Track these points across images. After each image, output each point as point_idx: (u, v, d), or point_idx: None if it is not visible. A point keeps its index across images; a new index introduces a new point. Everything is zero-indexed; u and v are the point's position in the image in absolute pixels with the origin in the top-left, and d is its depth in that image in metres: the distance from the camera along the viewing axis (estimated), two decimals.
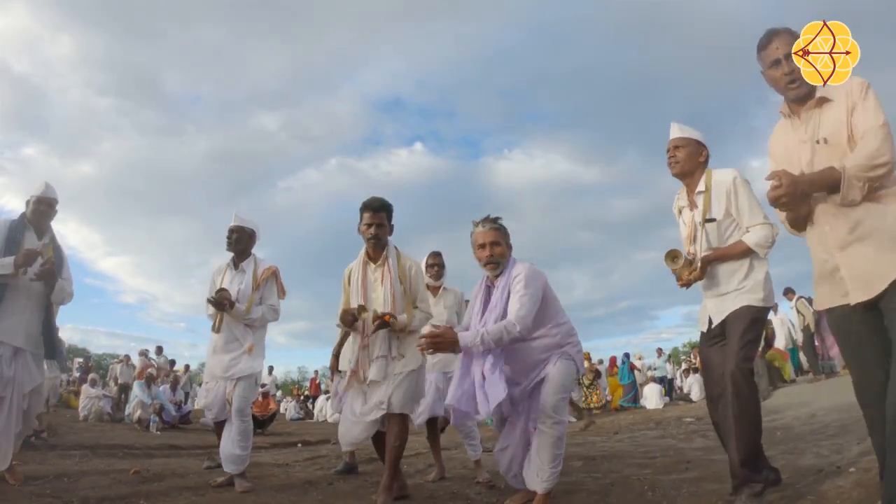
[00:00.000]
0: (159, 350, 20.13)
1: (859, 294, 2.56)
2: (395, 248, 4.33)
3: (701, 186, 3.69)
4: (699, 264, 3.55)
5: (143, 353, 18.65)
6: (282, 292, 5.26)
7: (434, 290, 5.65)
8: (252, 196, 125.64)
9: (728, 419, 3.32)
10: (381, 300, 4.17)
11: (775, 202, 2.58)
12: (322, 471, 6.00)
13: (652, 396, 15.83)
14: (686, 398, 17.01)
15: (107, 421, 12.83)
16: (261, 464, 6.58)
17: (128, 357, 18.14)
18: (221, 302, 4.82)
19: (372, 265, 4.27)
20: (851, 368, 2.75)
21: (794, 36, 2.74)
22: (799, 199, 2.60)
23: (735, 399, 3.27)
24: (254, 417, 12.67)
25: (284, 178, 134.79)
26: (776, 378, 12.64)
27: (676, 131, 3.83)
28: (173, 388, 14.19)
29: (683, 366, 21.91)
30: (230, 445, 4.81)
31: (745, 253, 3.49)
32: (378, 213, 4.22)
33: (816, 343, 12.91)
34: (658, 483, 4.28)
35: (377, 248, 4.25)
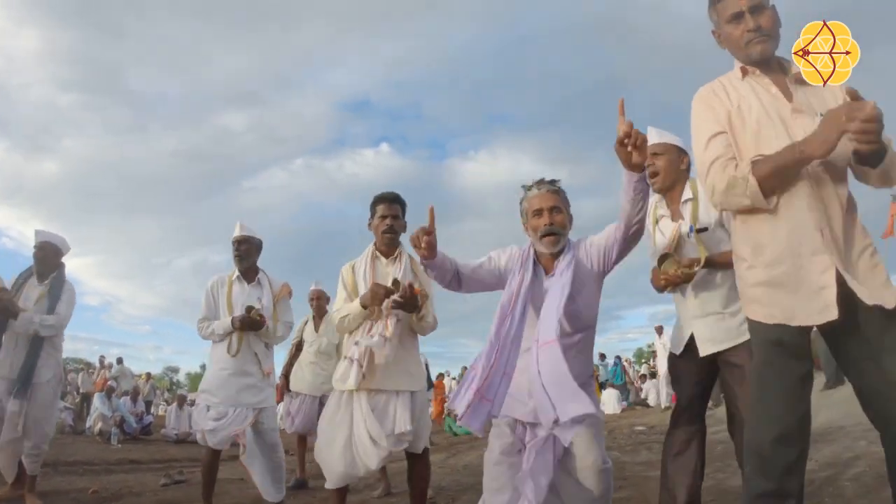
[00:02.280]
0: (119, 360, 20.08)
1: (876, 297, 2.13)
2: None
3: (687, 194, 3.33)
4: (697, 267, 3.09)
5: (102, 362, 18.59)
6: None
7: None
8: (217, 196, 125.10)
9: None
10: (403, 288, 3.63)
11: (874, 127, 1.95)
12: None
13: (609, 401, 16.25)
14: (644, 403, 17.47)
15: (68, 433, 12.89)
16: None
17: (89, 365, 18.14)
18: (259, 321, 4.57)
19: (383, 260, 3.91)
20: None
21: None
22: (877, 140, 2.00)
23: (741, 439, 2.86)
24: None
25: (250, 178, 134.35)
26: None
27: (654, 136, 3.42)
28: (134, 400, 14.29)
29: (643, 370, 22.46)
30: (268, 477, 4.80)
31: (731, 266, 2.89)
32: (393, 204, 3.95)
33: None
34: None
35: (392, 242, 3.92)
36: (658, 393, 17.63)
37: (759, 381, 2.28)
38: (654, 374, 19.19)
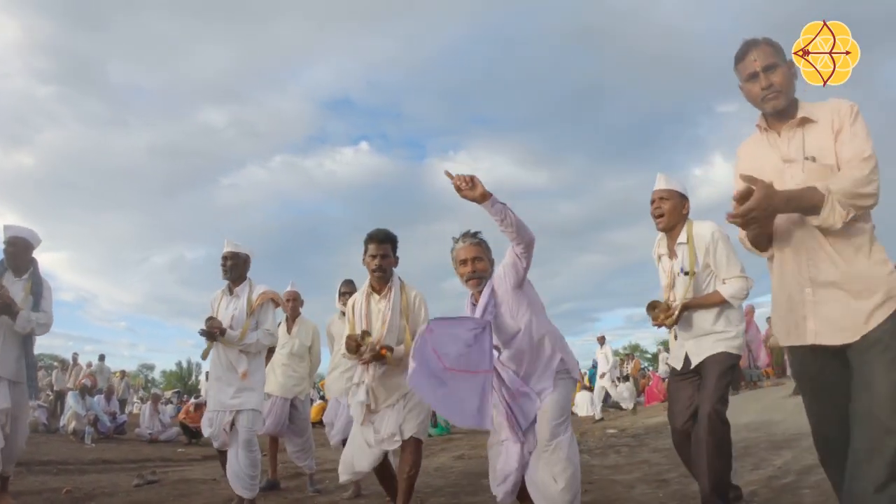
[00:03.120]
0: (101, 358, 19.82)
1: (828, 338, 2.46)
2: (400, 279, 4.33)
3: (682, 238, 3.85)
4: (676, 312, 3.78)
5: (76, 359, 18.35)
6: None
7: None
8: (195, 192, 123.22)
9: (702, 454, 3.55)
10: (381, 333, 4.11)
11: (745, 216, 2.30)
12: None
13: (582, 404, 16.36)
14: (617, 406, 17.60)
15: (42, 431, 12.79)
16: (189, 479, 6.91)
17: (63, 363, 17.92)
18: (212, 332, 4.80)
19: (376, 296, 4.23)
20: (810, 412, 2.69)
21: (774, 47, 2.63)
22: (770, 215, 2.40)
23: (710, 437, 3.51)
24: (186, 428, 12.91)
25: (228, 174, 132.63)
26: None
27: (663, 183, 3.94)
28: (108, 399, 14.21)
29: (611, 375, 22.65)
30: (238, 473, 4.81)
31: (720, 303, 3.73)
32: (383, 244, 4.20)
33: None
34: None
35: (382, 280, 4.21)
36: (632, 395, 17.87)
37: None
38: (627, 378, 19.41)
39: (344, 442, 5.86)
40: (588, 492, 4.95)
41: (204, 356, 4.99)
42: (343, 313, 6.04)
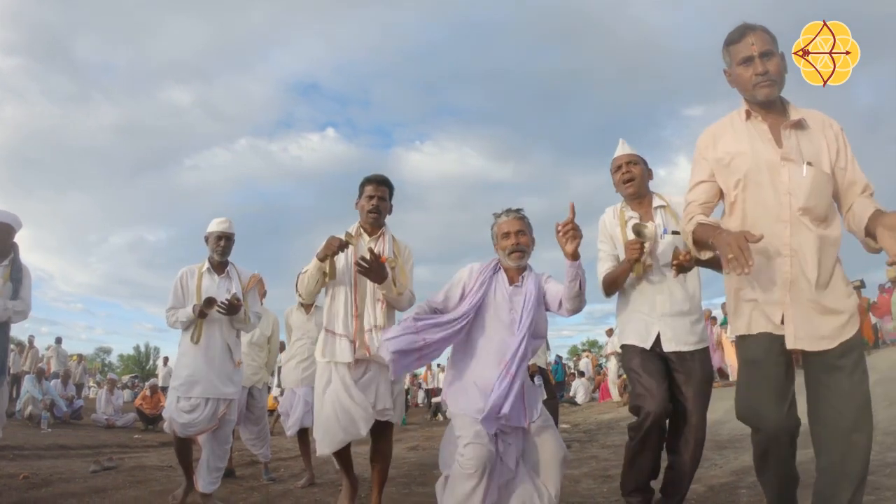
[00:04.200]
0: (59, 340, 19.61)
1: (823, 343, 2.44)
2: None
3: (659, 202, 3.68)
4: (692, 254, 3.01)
5: (31, 342, 18.13)
6: (261, 298, 5.15)
7: (307, 307, 6.22)
8: (157, 173, 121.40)
9: (686, 462, 3.43)
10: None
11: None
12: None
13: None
14: (572, 401, 17.93)
15: None
16: (146, 466, 6.97)
17: (20, 345, 17.69)
18: (236, 305, 4.58)
19: (366, 237, 4.01)
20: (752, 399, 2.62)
21: (770, 35, 2.59)
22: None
23: (697, 448, 3.41)
24: (143, 414, 12.92)
25: (192, 155, 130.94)
26: None
27: (627, 148, 3.78)
28: (64, 383, 14.16)
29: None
30: (206, 466, 4.65)
31: (716, 265, 3.24)
32: (381, 186, 4.06)
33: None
34: None
35: (376, 223, 4.03)
36: (587, 392, 18.24)
37: None
38: (582, 374, 19.82)
39: (302, 432, 6.00)
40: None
41: (198, 339, 4.59)
42: (302, 304, 6.19)
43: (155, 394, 13.77)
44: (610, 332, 16.37)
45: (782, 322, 2.50)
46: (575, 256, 3.01)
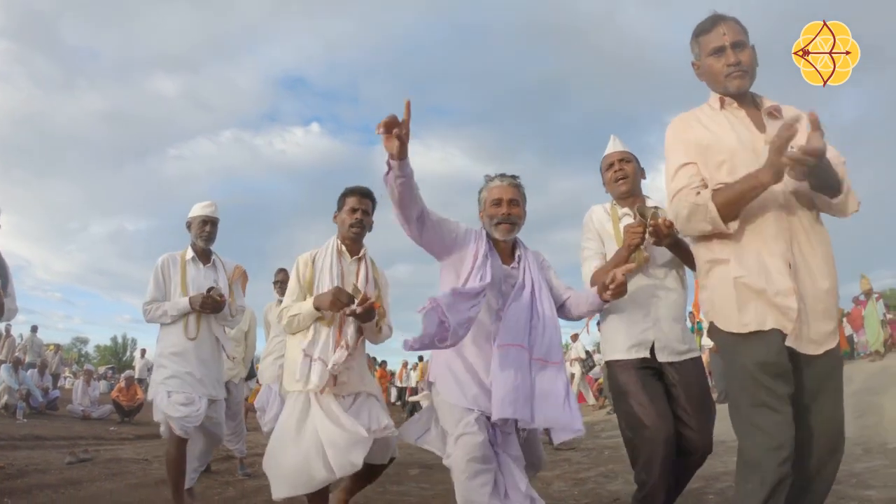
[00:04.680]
0: (34, 329, 19.43)
1: (812, 347, 2.27)
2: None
3: (653, 202, 3.40)
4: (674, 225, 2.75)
5: (9, 330, 17.96)
6: (243, 292, 4.81)
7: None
8: (140, 161, 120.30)
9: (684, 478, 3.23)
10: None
11: (816, 154, 2.04)
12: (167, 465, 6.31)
13: None
14: None
15: None
16: (121, 459, 7.00)
17: None
18: (219, 302, 4.25)
19: (349, 257, 3.67)
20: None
21: (742, 26, 2.49)
22: (815, 170, 2.13)
23: (704, 455, 3.16)
24: (119, 406, 12.88)
25: (176, 145, 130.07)
26: None
27: (619, 145, 3.52)
28: (41, 373, 14.08)
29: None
30: (190, 465, 4.47)
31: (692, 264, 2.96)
32: (365, 198, 3.69)
33: None
34: None
35: (358, 239, 3.69)
36: None
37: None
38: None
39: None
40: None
41: (195, 335, 4.26)
42: (280, 301, 6.23)
43: (131, 386, 13.73)
44: (575, 338, 16.40)
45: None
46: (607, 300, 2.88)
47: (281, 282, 6.14)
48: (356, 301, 3.29)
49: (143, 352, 22.47)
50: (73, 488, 5.06)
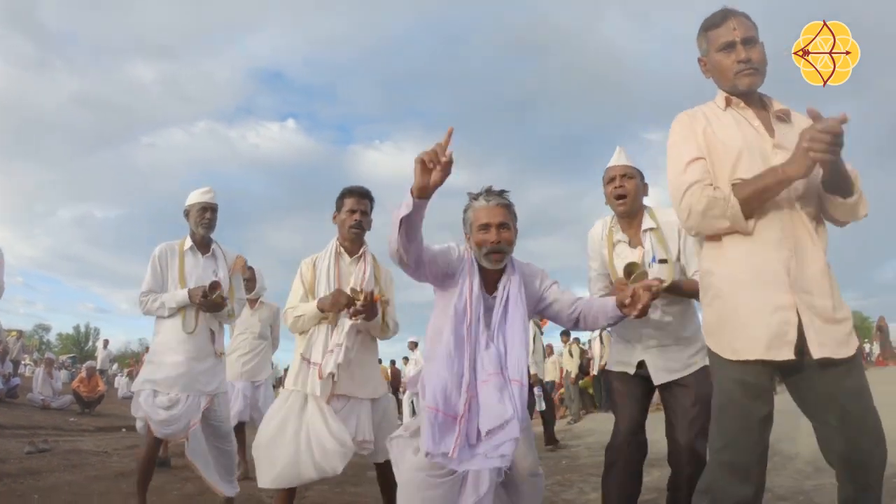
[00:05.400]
0: None
1: (826, 350, 2.15)
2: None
3: (649, 223, 3.31)
4: (666, 283, 2.96)
5: None
6: (242, 286, 4.63)
7: (251, 302, 6.29)
8: (112, 148, 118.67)
9: (682, 491, 3.10)
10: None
11: (828, 143, 1.97)
12: (138, 462, 6.32)
13: None
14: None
15: None
16: (81, 450, 7.01)
17: None
18: (220, 303, 4.12)
19: (347, 258, 3.71)
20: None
21: (753, 22, 2.41)
22: (838, 150, 2.02)
23: (698, 470, 2.68)
24: (80, 398, 12.79)
25: (149, 133, 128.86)
26: (588, 403, 14.19)
27: (623, 158, 3.40)
28: (1, 359, 13.93)
29: None
30: (220, 470, 4.32)
31: (695, 295, 2.87)
32: (364, 199, 3.73)
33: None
34: None
35: (357, 240, 3.73)
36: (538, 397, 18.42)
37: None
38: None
39: (239, 426, 5.86)
40: None
41: (193, 329, 4.12)
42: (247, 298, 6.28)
43: (93, 377, 13.63)
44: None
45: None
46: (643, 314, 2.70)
47: (249, 280, 6.18)
48: (359, 302, 3.32)
49: (106, 342, 22.34)
50: (32, 478, 5.07)
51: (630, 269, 2.97)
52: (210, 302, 4.03)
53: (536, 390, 8.72)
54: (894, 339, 20.51)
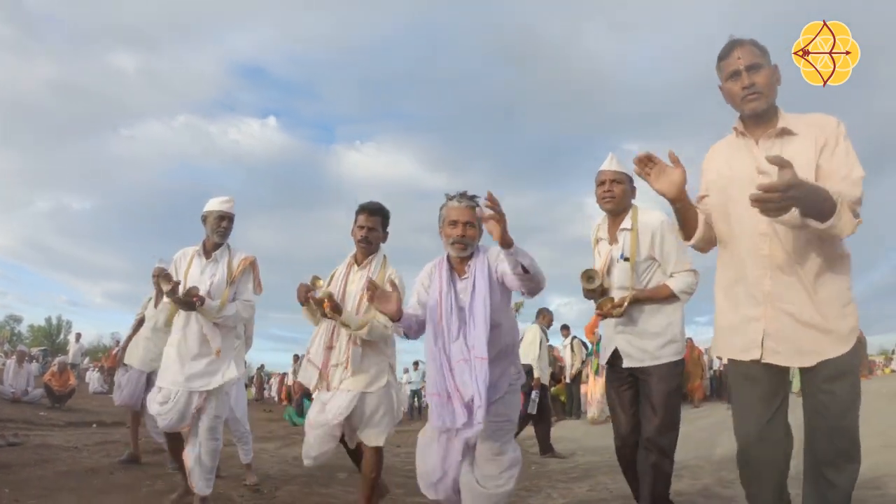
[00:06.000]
0: None
1: (796, 360, 2.45)
2: (385, 256, 4.19)
3: (627, 224, 3.66)
4: (625, 304, 3.49)
5: None
6: (258, 286, 4.66)
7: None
8: (90, 138, 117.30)
9: (645, 482, 3.46)
10: (353, 303, 3.97)
11: (785, 192, 2.07)
12: (108, 458, 6.34)
13: None
14: None
15: None
16: (51, 445, 7.00)
17: None
18: (191, 301, 4.19)
19: (356, 267, 4.12)
20: (741, 423, 2.63)
21: (760, 48, 2.56)
22: (787, 204, 2.12)
23: (661, 458, 3.42)
24: (51, 392, 12.71)
25: (128, 124, 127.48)
26: (559, 410, 14.21)
27: (615, 164, 3.75)
28: None
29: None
30: (197, 466, 4.31)
31: (668, 298, 3.55)
32: (374, 215, 4.11)
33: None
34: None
35: (365, 251, 4.11)
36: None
37: None
38: None
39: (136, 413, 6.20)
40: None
41: (168, 322, 4.51)
42: (151, 298, 6.32)
43: (64, 371, 13.54)
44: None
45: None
46: (506, 244, 2.86)
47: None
48: (322, 286, 3.91)
49: (79, 336, 22.10)
50: (2, 472, 5.08)
51: (590, 274, 3.66)
52: (180, 299, 4.18)
53: (533, 394, 8.77)
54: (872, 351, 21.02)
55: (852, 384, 2.44)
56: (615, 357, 3.69)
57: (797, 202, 2.13)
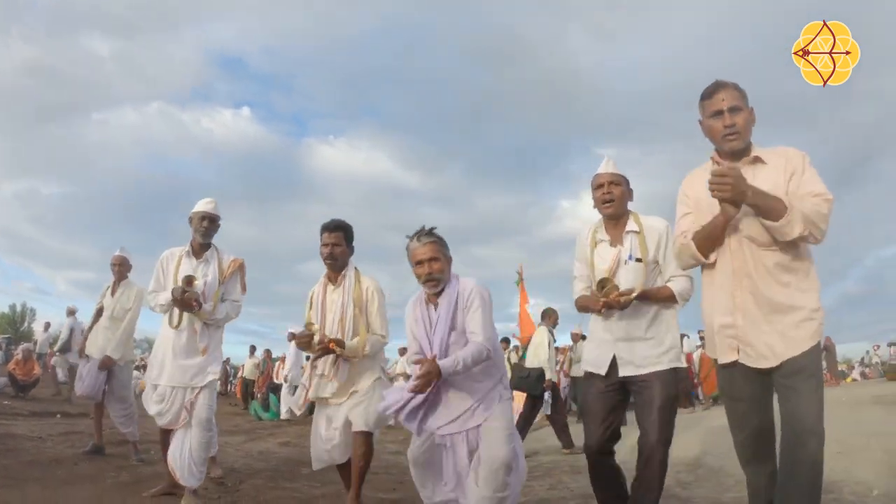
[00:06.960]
0: None
1: (764, 361, 2.70)
2: (356, 268, 4.30)
3: (633, 226, 3.63)
4: (633, 295, 3.40)
5: None
6: (243, 288, 4.79)
7: None
8: (62, 122, 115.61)
9: (646, 481, 3.40)
10: (334, 324, 4.12)
11: (719, 183, 2.54)
12: (72, 448, 6.34)
13: None
14: None
15: None
16: (15, 435, 6.98)
17: None
18: (189, 303, 4.32)
19: (331, 286, 4.23)
20: (737, 426, 2.91)
21: (740, 91, 2.80)
22: (739, 195, 2.57)
23: (660, 467, 3.38)
24: (15, 381, 12.60)
25: (101, 110, 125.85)
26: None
27: (611, 167, 3.72)
28: None
29: None
30: (188, 457, 4.34)
31: (668, 299, 3.53)
32: (333, 232, 4.19)
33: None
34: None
35: (334, 269, 4.21)
36: None
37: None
38: None
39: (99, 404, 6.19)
40: (396, 490, 5.41)
41: (177, 324, 4.44)
42: (109, 287, 6.42)
43: (29, 360, 13.35)
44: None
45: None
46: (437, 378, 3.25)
47: (117, 265, 6.49)
48: (316, 334, 4.01)
49: (48, 325, 21.59)
50: None
51: (603, 283, 3.47)
52: (181, 300, 4.29)
53: (546, 396, 8.91)
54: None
55: (811, 375, 2.69)
56: (611, 366, 3.57)
57: (747, 198, 2.56)
